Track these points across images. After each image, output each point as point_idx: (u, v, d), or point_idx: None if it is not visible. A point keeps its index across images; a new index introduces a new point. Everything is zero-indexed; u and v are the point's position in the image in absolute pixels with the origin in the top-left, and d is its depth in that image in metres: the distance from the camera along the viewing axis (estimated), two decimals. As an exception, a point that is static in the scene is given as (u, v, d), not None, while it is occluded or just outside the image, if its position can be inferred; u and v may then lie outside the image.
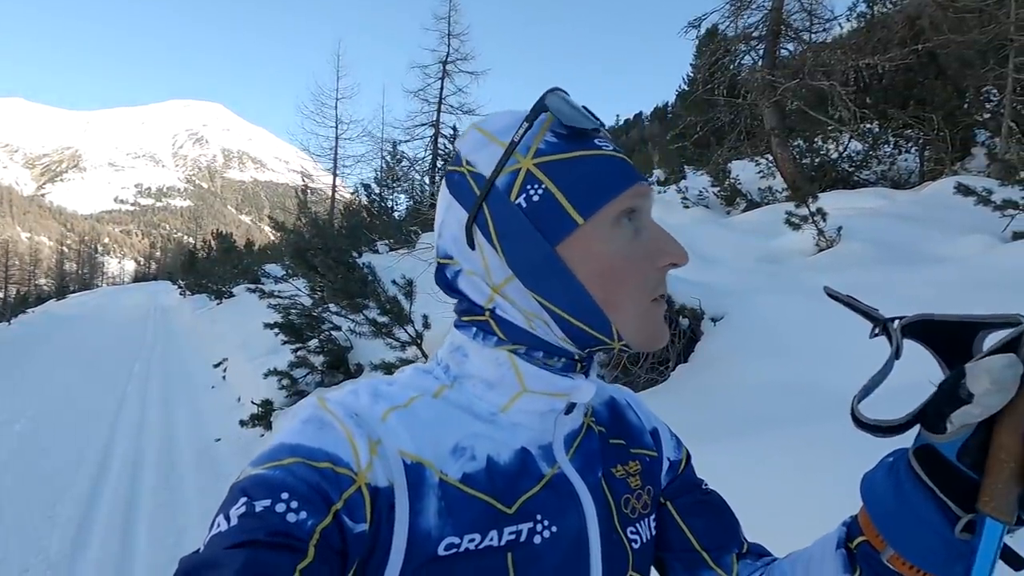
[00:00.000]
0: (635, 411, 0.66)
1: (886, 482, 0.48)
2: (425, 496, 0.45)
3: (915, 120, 9.09)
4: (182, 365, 9.13)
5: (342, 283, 4.19)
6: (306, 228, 9.03)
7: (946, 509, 0.43)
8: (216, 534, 0.38)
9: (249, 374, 6.55)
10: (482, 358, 0.52)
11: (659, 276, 0.51)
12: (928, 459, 0.44)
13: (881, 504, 0.48)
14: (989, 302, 2.91)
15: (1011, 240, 4.47)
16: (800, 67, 10.22)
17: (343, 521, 0.40)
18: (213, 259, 19.51)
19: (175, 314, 17.47)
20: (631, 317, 0.50)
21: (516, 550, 0.47)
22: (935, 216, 5.73)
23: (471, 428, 0.50)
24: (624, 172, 0.50)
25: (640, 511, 0.57)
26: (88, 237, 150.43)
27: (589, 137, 0.51)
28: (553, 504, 0.50)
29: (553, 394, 0.52)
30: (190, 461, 4.81)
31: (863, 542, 0.50)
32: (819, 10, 11.31)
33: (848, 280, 4.04)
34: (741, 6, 11.30)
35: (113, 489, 4.27)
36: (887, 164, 10.06)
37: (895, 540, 0.47)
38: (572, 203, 0.48)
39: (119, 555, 3.30)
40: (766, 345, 3.45)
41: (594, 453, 0.56)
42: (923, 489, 0.45)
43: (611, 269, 0.49)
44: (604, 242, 0.49)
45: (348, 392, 0.51)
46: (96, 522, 3.72)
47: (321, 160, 22.28)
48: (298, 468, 0.41)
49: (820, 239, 5.44)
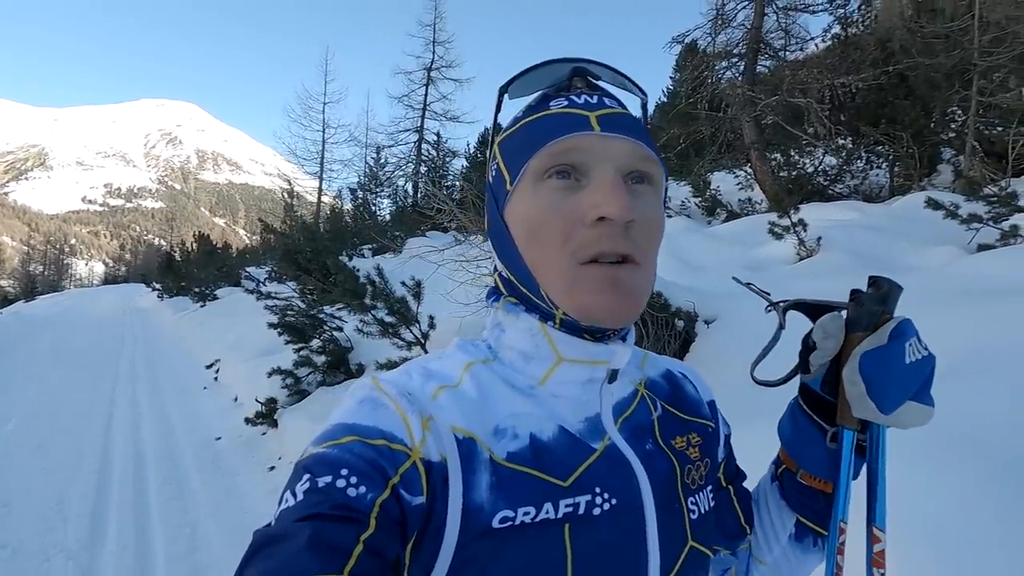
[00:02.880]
0: (692, 383, 0.68)
1: (788, 419, 0.63)
2: (477, 470, 0.46)
3: (886, 137, 9.57)
4: (170, 367, 9.06)
5: (350, 284, 4.33)
6: (295, 231, 9.10)
7: (821, 427, 0.59)
8: (284, 508, 0.40)
9: (244, 374, 6.59)
10: (516, 330, 0.54)
11: (590, 234, 0.46)
12: (806, 395, 0.61)
13: (787, 435, 0.63)
14: (958, 308, 3.19)
15: (976, 251, 4.81)
16: (779, 84, 10.67)
17: (401, 494, 0.42)
18: (193, 261, 19.24)
19: (154, 316, 17.20)
20: (557, 283, 0.48)
21: (574, 522, 0.47)
22: (906, 228, 6.10)
23: (511, 407, 0.51)
24: (556, 126, 0.48)
25: (698, 482, 0.58)
26: (54, 238, 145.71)
27: (546, 102, 0.52)
28: (610, 476, 0.51)
29: (591, 362, 0.52)
30: (192, 459, 4.86)
31: (784, 469, 0.64)
32: (795, 30, 11.82)
33: (828, 286, 4.33)
34: (722, 24, 11.74)
35: (119, 486, 4.31)
36: (859, 178, 10.53)
37: (799, 459, 0.61)
38: (508, 170, 0.52)
39: (136, 547, 3.37)
40: (754, 345, 3.69)
41: (645, 424, 0.57)
42: (806, 416, 0.60)
43: (530, 228, 0.49)
44: (525, 202, 0.49)
45: (400, 372, 0.53)
46: (108, 516, 3.78)
47: (307, 164, 22.21)
48: (355, 446, 0.43)
49: (801, 248, 5.75)
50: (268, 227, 10.86)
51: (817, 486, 0.60)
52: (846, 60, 10.53)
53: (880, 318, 0.55)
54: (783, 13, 11.44)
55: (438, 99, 23.12)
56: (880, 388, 0.52)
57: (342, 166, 23.13)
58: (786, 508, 0.65)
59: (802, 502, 0.62)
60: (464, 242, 5.12)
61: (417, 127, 23.13)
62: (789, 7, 11.38)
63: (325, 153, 22.97)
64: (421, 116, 23.09)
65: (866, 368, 0.53)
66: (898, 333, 0.53)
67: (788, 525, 0.65)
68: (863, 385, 0.53)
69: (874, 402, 0.52)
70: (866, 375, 0.53)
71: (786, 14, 11.44)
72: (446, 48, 22.85)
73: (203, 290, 14.59)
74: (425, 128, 23.18)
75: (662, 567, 0.50)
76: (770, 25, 11.55)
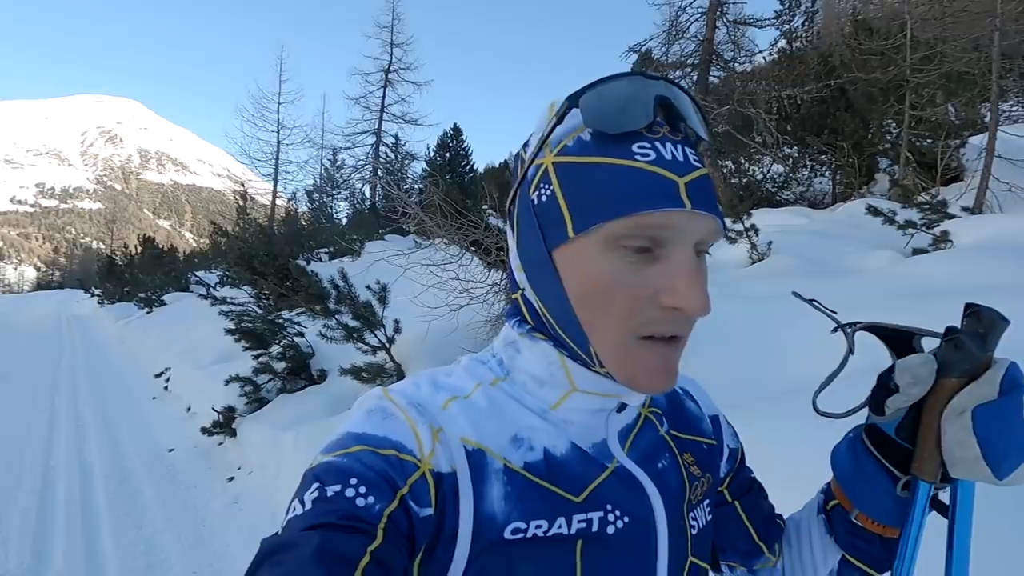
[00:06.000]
0: (694, 400, 0.67)
1: (847, 455, 0.58)
2: (488, 481, 0.46)
3: (828, 147, 10.10)
4: (115, 377, 8.64)
5: (313, 289, 4.25)
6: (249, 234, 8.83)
7: (891, 474, 0.54)
8: (293, 517, 0.40)
9: (197, 383, 6.35)
10: (533, 354, 0.52)
11: (657, 315, 0.45)
12: (875, 435, 0.55)
13: (845, 472, 0.58)
14: (896, 309, 3.44)
15: (912, 255, 5.15)
16: (729, 94, 11.11)
17: (409, 505, 0.42)
18: (138, 265, 18.37)
19: (94, 324, 16.33)
20: (610, 348, 0.47)
21: (587, 540, 0.47)
22: (849, 233, 6.46)
23: (526, 421, 0.51)
24: (644, 193, 0.43)
25: (699, 498, 0.58)
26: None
27: (627, 142, 0.45)
28: (621, 494, 0.50)
29: (604, 394, 0.52)
30: (143, 472, 4.65)
31: (836, 505, 0.61)
32: (744, 43, 12.35)
33: (780, 289, 4.55)
34: (675, 35, 12.14)
35: (64, 501, 4.08)
36: (805, 186, 11.06)
37: (857, 500, 0.57)
38: (571, 213, 0.46)
39: (87, 567, 3.21)
40: (714, 344, 3.85)
41: (652, 443, 0.57)
42: (873, 459, 0.55)
43: (593, 292, 0.46)
44: (591, 262, 0.45)
45: (410, 383, 0.53)
46: (53, 535, 3.57)
47: (261, 165, 21.59)
48: (365, 455, 0.43)
49: (753, 252, 6.01)
50: (220, 229, 10.48)
51: (874, 529, 0.57)
52: (792, 73, 11.07)
53: (980, 362, 0.49)
54: (733, 26, 11.93)
55: (396, 101, 22.95)
56: (998, 451, 0.46)
57: (297, 168, 22.73)
58: (832, 545, 0.62)
59: (852, 542, 0.59)
60: (427, 246, 5.11)
61: (375, 129, 22.86)
62: (739, 20, 11.87)
63: (280, 154, 22.40)
64: (379, 118, 22.84)
65: (982, 428, 0.46)
66: (1012, 384, 0.47)
67: (831, 561, 0.62)
68: (978, 448, 0.46)
69: (991, 467, 0.46)
70: (982, 436, 0.46)
71: (736, 27, 11.94)
72: (404, 50, 22.73)
73: (149, 296, 13.94)
74: (383, 131, 22.94)
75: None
76: (721, 37, 12.03)
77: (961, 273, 4.06)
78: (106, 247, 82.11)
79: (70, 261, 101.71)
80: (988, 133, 7.16)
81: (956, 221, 5.48)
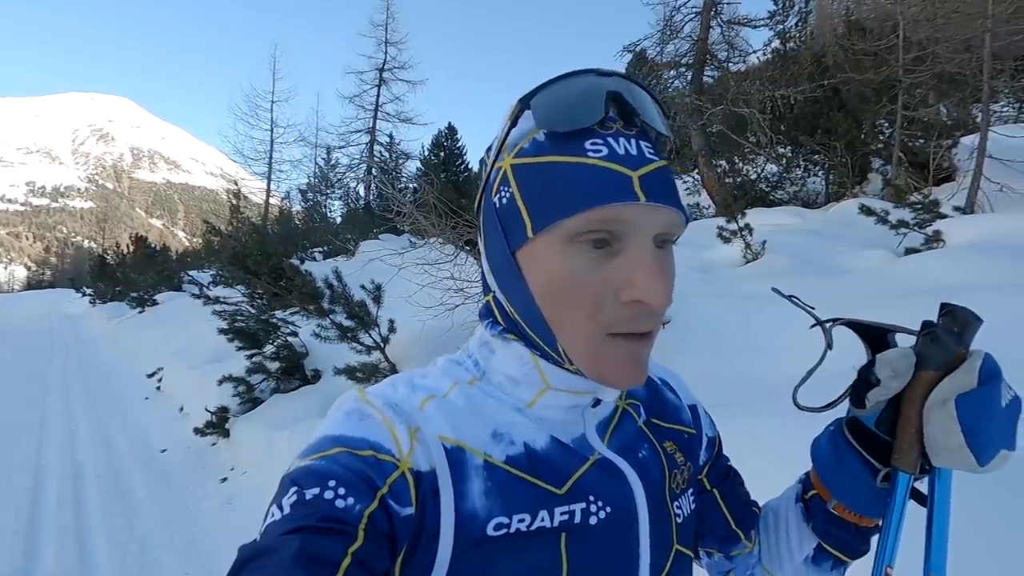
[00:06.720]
0: (673, 390, 0.68)
1: (827, 447, 0.59)
2: (468, 478, 0.46)
3: (821, 147, 10.16)
4: (106, 377, 8.58)
5: (308, 288, 4.24)
6: (242, 233, 8.79)
7: (870, 465, 0.55)
8: (271, 522, 0.40)
9: (190, 383, 6.32)
10: (506, 355, 0.53)
11: (622, 311, 0.45)
12: (855, 428, 0.57)
13: (825, 464, 0.59)
14: (888, 308, 3.47)
15: (904, 255, 5.18)
16: (723, 94, 11.15)
17: (389, 505, 0.42)
18: (130, 264, 18.26)
19: (86, 323, 16.22)
20: (578, 345, 0.47)
21: (571, 532, 0.47)
22: (842, 233, 6.49)
23: (505, 417, 0.51)
24: (597, 188, 0.43)
25: (682, 486, 0.59)
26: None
27: (580, 139, 0.45)
28: (603, 484, 0.51)
29: (578, 392, 0.52)
30: (136, 472, 4.63)
31: (814, 495, 0.62)
32: (738, 43, 12.39)
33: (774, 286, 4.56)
34: (670, 35, 12.16)
35: (56, 501, 4.05)
36: (798, 185, 11.12)
37: (836, 491, 0.58)
38: (530, 213, 0.46)
39: (79, 567, 3.19)
40: (705, 343, 3.86)
41: (631, 434, 0.57)
42: (853, 451, 0.56)
43: (556, 290, 0.46)
44: (551, 260, 0.46)
45: (386, 384, 0.53)
46: (45, 535, 3.55)
47: (254, 164, 21.51)
48: (343, 457, 0.43)
49: (747, 251, 6.03)
50: (213, 229, 10.42)
51: (851, 519, 0.59)
52: (785, 73, 11.11)
53: (955, 355, 0.50)
54: (727, 26, 11.96)
55: (391, 100, 22.88)
56: (982, 439, 0.47)
57: (291, 167, 22.70)
58: (808, 532, 0.63)
59: (828, 530, 0.61)
60: (422, 245, 5.10)
61: (369, 128, 22.79)
62: (733, 20, 11.91)
63: (274, 153, 22.32)
64: (373, 117, 22.78)
65: (966, 416, 0.47)
66: (990, 373, 0.48)
67: (807, 548, 0.64)
68: (962, 436, 0.47)
69: (974, 455, 0.47)
70: (966, 424, 0.47)
71: (730, 27, 11.97)
72: (399, 49, 22.66)
73: (142, 295, 13.85)
74: (378, 129, 22.88)
75: (651, 573, 0.52)
76: (715, 37, 12.07)
77: (953, 272, 4.09)
78: (98, 246, 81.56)
79: (61, 260, 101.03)
80: (980, 133, 7.20)
81: (948, 221, 5.52)
